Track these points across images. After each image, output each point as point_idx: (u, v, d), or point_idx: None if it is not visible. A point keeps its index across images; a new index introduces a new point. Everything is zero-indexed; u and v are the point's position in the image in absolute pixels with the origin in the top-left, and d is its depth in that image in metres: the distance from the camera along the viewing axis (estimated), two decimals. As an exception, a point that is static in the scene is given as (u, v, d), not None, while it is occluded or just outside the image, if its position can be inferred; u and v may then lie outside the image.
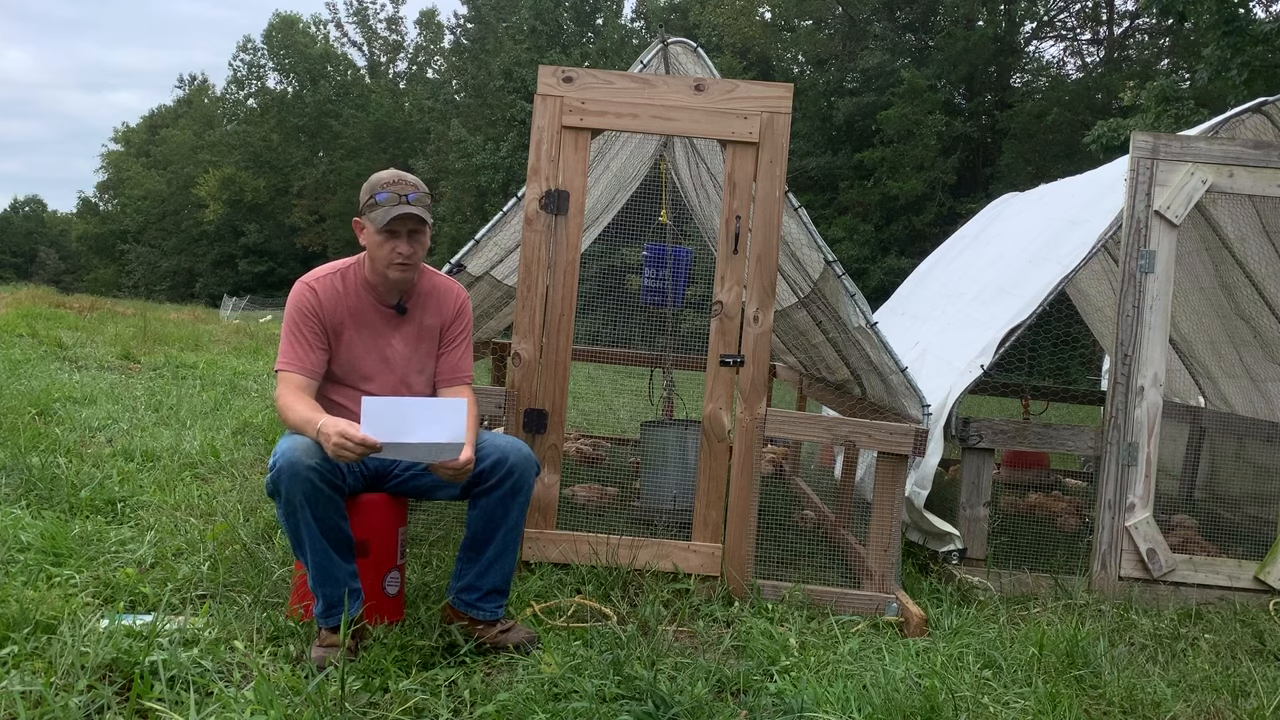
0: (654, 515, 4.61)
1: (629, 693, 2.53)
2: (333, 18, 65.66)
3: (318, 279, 2.98)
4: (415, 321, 3.04)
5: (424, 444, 2.62)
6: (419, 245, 2.93)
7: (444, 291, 3.11)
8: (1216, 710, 2.80)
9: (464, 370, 3.12)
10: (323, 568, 2.68)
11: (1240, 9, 13.01)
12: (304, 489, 2.61)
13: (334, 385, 2.98)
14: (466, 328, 3.14)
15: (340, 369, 2.98)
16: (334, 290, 2.96)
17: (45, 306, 16.75)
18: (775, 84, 3.65)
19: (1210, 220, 5.31)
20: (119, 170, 66.04)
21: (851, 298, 3.87)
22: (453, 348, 3.10)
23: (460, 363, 3.11)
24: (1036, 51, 32.60)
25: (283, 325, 2.95)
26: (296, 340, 2.91)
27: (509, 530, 2.89)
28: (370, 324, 2.99)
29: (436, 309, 3.08)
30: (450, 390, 3.06)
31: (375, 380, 2.98)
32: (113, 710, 2.28)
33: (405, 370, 3.02)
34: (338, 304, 2.96)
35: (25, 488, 4.11)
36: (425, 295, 3.07)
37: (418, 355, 3.04)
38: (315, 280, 2.98)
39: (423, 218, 2.88)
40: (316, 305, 2.93)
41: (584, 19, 40.20)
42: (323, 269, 3.04)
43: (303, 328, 2.92)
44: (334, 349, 2.97)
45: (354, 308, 2.97)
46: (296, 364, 2.89)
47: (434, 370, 3.09)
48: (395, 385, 3.00)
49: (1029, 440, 4.24)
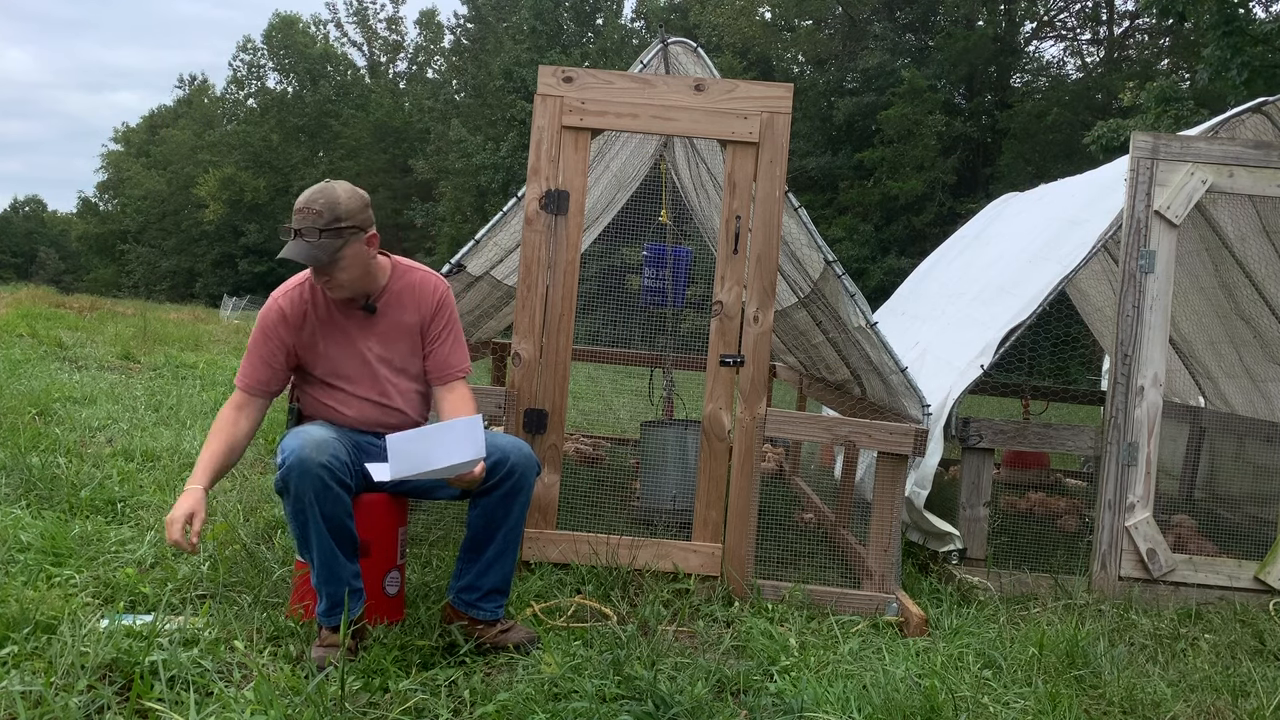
0: (654, 515, 4.61)
1: (629, 693, 2.53)
2: (333, 18, 65.76)
3: (286, 292, 2.98)
4: (389, 320, 2.98)
5: (448, 467, 2.64)
6: (337, 270, 2.79)
7: (420, 287, 3.02)
8: (1216, 710, 2.80)
9: (455, 365, 3.05)
10: (328, 566, 2.68)
11: (1240, 9, 13.00)
12: (314, 486, 2.62)
13: (321, 388, 2.98)
14: (450, 321, 3.06)
15: (323, 374, 2.96)
16: (300, 302, 2.95)
17: (45, 306, 16.76)
18: (775, 84, 3.65)
19: (1210, 220, 5.31)
20: (119, 170, 66.02)
21: (851, 298, 3.87)
22: (439, 344, 3.03)
23: (450, 358, 3.04)
24: (1036, 51, 32.64)
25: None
26: (251, 354, 2.96)
27: (509, 530, 2.89)
28: (342, 328, 2.96)
29: (413, 306, 3.00)
30: (445, 388, 3.03)
31: (359, 383, 2.96)
32: (113, 710, 2.28)
33: (386, 370, 2.98)
34: (305, 316, 2.94)
35: (25, 488, 4.11)
36: (399, 293, 2.99)
37: (397, 354, 2.99)
38: (283, 294, 2.97)
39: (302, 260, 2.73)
40: (280, 322, 2.93)
41: (584, 19, 40.19)
42: (293, 279, 3.01)
43: (261, 344, 2.94)
44: (310, 359, 2.96)
45: (323, 316, 2.95)
46: (244, 378, 2.95)
47: (421, 369, 3.04)
48: (378, 387, 2.97)
49: (1029, 440, 4.24)
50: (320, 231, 2.74)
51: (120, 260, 61.73)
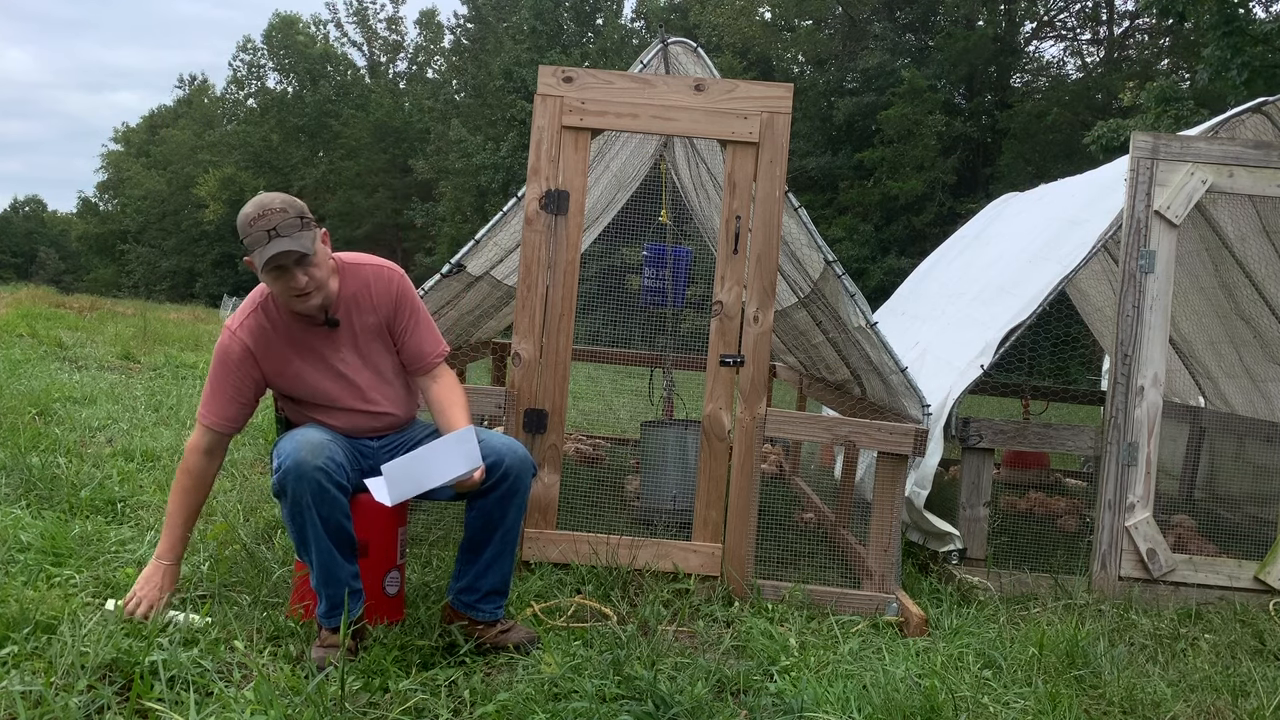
0: (654, 515, 4.61)
1: (629, 693, 2.53)
2: (333, 18, 65.60)
3: (242, 324, 2.88)
4: (352, 328, 2.92)
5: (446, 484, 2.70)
6: (314, 268, 2.74)
7: (373, 283, 2.93)
8: (1216, 710, 2.80)
9: (430, 352, 3.00)
10: (327, 568, 2.68)
11: (1240, 9, 13.00)
12: (311, 489, 2.61)
13: (306, 406, 2.95)
14: (413, 309, 2.98)
15: (305, 395, 2.93)
16: (261, 330, 2.87)
17: (45, 306, 16.75)
18: (775, 84, 3.65)
19: (1210, 220, 5.31)
20: (119, 170, 66.00)
21: (851, 298, 3.87)
22: (408, 335, 2.98)
23: (423, 346, 2.99)
24: (1036, 51, 32.61)
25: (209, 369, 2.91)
26: (216, 391, 2.89)
27: (506, 531, 2.89)
28: (310, 347, 2.89)
29: (371, 306, 2.92)
30: (428, 378, 3.01)
31: (341, 398, 2.92)
32: (113, 710, 2.28)
33: (365, 379, 2.94)
34: (270, 343, 2.87)
35: (25, 488, 4.11)
36: (355, 296, 2.91)
37: (371, 358, 2.95)
38: (240, 326, 2.88)
39: (295, 250, 2.66)
40: (244, 356, 2.86)
41: (584, 19, 40.17)
42: (244, 307, 2.92)
43: (225, 380, 2.87)
44: (284, 384, 2.92)
45: (285, 338, 2.88)
46: (211, 416, 2.89)
47: (398, 365, 3.00)
48: (361, 396, 2.93)
49: (1029, 440, 4.24)
50: (298, 222, 2.70)
51: (120, 260, 61.71)
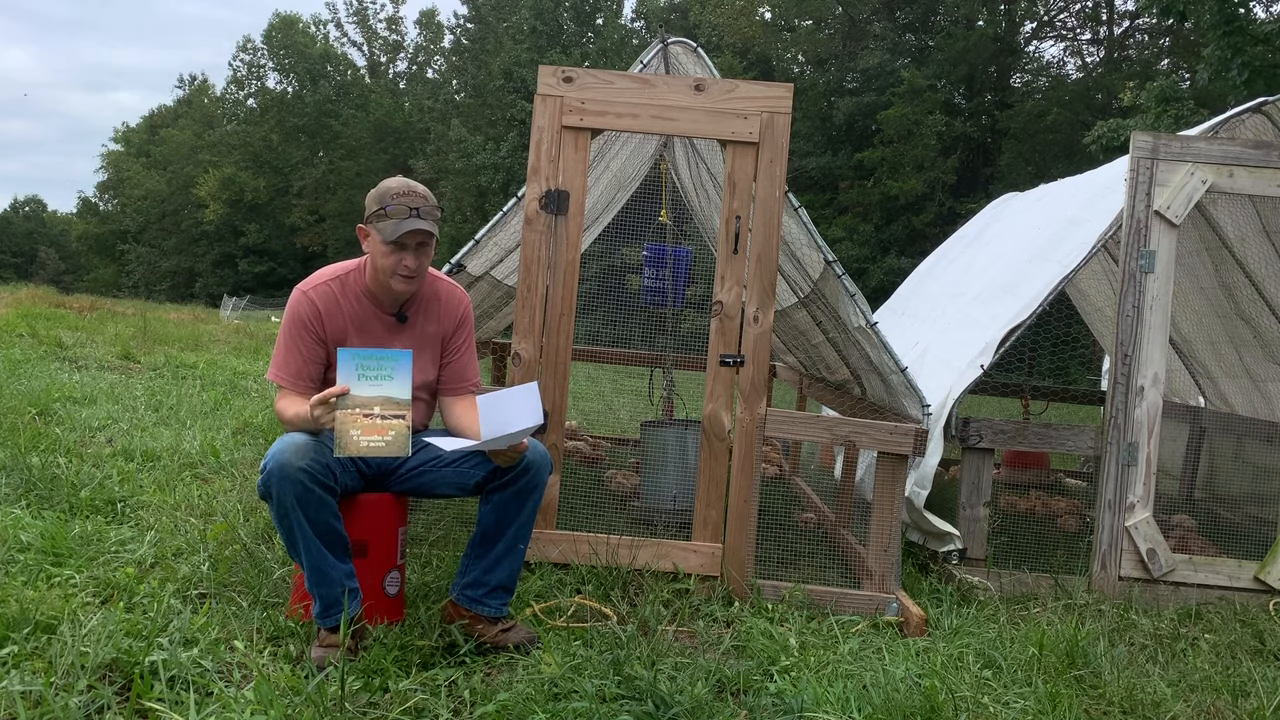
0: (654, 515, 4.61)
1: (629, 693, 2.53)
2: (333, 18, 65.78)
3: (315, 287, 2.95)
4: (416, 329, 3.01)
5: (519, 431, 2.69)
6: (425, 257, 2.89)
7: (445, 298, 3.07)
8: (1216, 710, 2.80)
9: (469, 378, 3.11)
10: (318, 569, 2.68)
11: (1240, 9, 13.00)
12: (295, 490, 2.61)
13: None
14: (469, 336, 3.13)
15: None
16: (332, 298, 2.94)
17: (45, 306, 16.75)
18: (775, 84, 3.65)
19: (1210, 220, 5.31)
20: (119, 170, 66.01)
21: (851, 298, 3.87)
22: (457, 356, 3.08)
23: (465, 371, 3.10)
24: (1036, 51, 32.63)
25: (279, 330, 2.94)
26: (292, 352, 2.91)
27: (520, 527, 2.89)
28: (372, 331, 2.96)
29: (438, 316, 3.05)
30: (456, 400, 3.06)
31: None
32: (113, 710, 2.28)
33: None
34: (337, 312, 2.93)
35: (25, 488, 4.11)
36: (427, 302, 3.04)
37: (419, 362, 2.99)
38: (313, 289, 2.95)
39: (431, 232, 2.84)
40: (314, 315, 2.91)
41: (584, 19, 40.17)
42: (322, 274, 3.00)
43: (298, 339, 2.90)
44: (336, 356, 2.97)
45: (355, 315, 2.94)
46: (289, 376, 2.90)
47: (434, 379, 3.07)
48: None
49: (1029, 440, 4.24)
50: (436, 213, 2.89)
51: (120, 260, 61.74)
